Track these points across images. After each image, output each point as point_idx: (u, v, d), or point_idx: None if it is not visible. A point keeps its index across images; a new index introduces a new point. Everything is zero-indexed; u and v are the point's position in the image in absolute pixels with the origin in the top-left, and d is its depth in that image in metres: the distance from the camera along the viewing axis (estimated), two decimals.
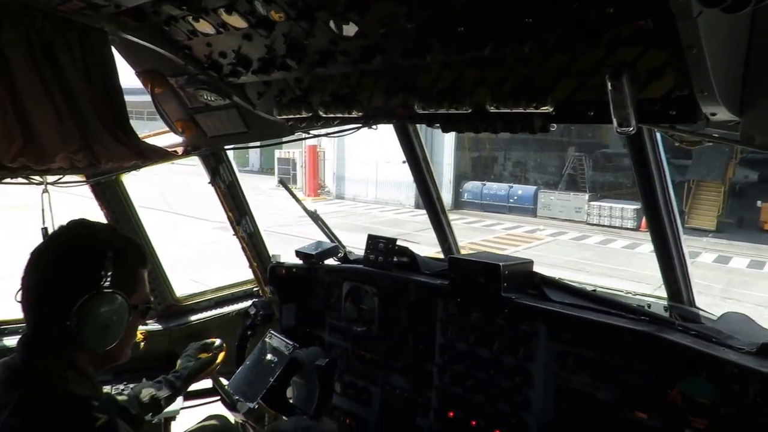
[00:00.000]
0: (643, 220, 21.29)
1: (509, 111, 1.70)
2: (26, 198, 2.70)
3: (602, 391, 2.11)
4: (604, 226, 22.74)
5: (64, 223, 1.65)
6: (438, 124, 2.10)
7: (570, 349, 2.19)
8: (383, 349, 2.78)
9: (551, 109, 1.62)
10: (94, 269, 1.53)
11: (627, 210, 22.35)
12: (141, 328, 3.22)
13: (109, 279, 1.54)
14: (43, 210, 2.82)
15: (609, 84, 1.33)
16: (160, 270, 3.44)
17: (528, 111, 1.65)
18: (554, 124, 1.81)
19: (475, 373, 2.41)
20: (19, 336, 1.62)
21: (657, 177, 2.13)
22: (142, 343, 3.14)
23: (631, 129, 1.43)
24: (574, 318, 2.15)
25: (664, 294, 2.42)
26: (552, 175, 30.13)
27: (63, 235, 1.61)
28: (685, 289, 2.33)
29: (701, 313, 2.29)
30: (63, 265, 1.55)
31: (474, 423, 2.40)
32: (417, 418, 2.60)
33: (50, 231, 2.88)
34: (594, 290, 2.49)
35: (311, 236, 3.55)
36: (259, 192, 21.96)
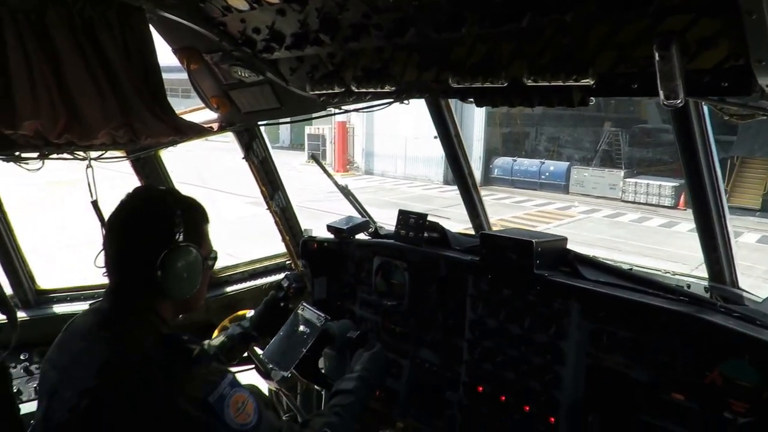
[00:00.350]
0: (682, 197, 20.77)
1: (547, 84, 1.66)
2: (59, 173, 2.81)
3: (636, 371, 2.08)
4: (639, 203, 22.14)
5: (131, 191, 1.82)
6: (471, 99, 2.07)
7: (604, 328, 2.16)
8: (413, 323, 2.81)
9: (592, 82, 1.57)
10: (168, 227, 1.71)
11: (665, 187, 21.66)
12: None
13: (181, 235, 1.71)
14: (89, 184, 2.92)
15: (656, 54, 1.28)
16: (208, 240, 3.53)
17: (567, 84, 1.60)
18: (593, 98, 1.76)
19: (505, 350, 2.42)
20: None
21: (702, 153, 2.06)
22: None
23: (679, 102, 1.37)
24: (609, 296, 2.12)
25: (704, 274, 2.37)
26: (586, 150, 29.37)
27: (135, 200, 1.78)
28: (728, 270, 2.26)
29: (745, 294, 2.23)
30: (141, 227, 1.73)
31: (503, 398, 2.42)
32: (446, 391, 2.63)
33: (99, 204, 3.02)
34: (630, 269, 2.44)
35: (341, 212, 3.58)
36: (290, 168, 22.15)
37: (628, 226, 18.61)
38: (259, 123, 3.11)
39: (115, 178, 3.32)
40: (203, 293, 1.92)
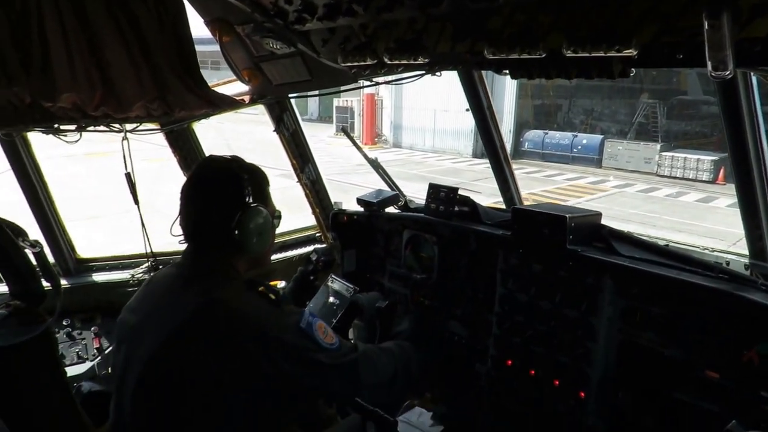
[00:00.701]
0: (721, 172, 20.02)
1: (586, 55, 1.60)
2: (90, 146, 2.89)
3: (670, 348, 2.06)
4: (676, 178, 21.46)
5: (200, 161, 2.03)
6: (507, 71, 2.02)
7: (637, 305, 2.13)
8: (442, 296, 2.82)
9: (634, 53, 1.51)
10: (239, 191, 1.86)
11: (703, 161, 20.89)
12: None
13: (250, 197, 1.87)
14: (124, 156, 3.00)
15: (705, 23, 1.22)
16: None
17: (608, 55, 1.55)
18: (634, 69, 1.69)
19: (535, 325, 2.41)
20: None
21: (749, 126, 1.98)
22: None
23: (728, 73, 1.31)
24: (644, 273, 2.08)
25: (744, 251, 2.30)
26: (620, 123, 28.49)
27: (207, 170, 1.97)
28: None
29: None
30: (216, 193, 1.87)
31: (533, 372, 2.43)
32: (476, 364, 2.65)
33: (132, 176, 3.10)
34: (666, 245, 2.39)
35: (369, 185, 3.58)
36: (318, 140, 22.21)
37: (663, 201, 18.12)
38: (290, 95, 3.11)
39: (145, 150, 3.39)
40: (271, 251, 2.13)
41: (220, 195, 1.87)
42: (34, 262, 1.66)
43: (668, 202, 17.99)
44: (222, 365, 1.64)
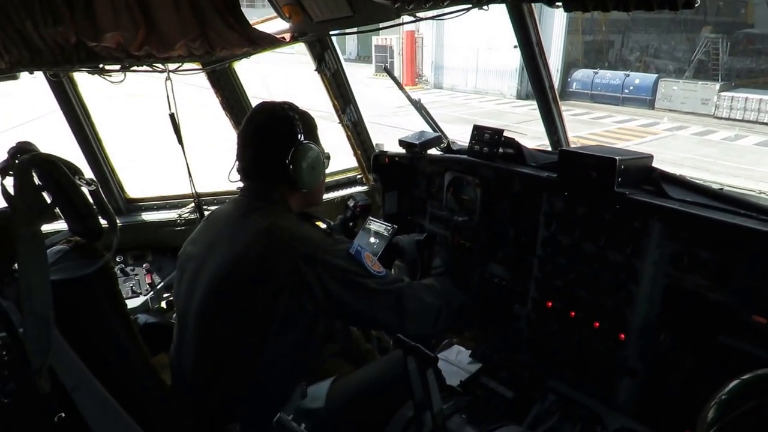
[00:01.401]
0: None
1: None
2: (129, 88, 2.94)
3: (717, 293, 2.01)
4: (735, 120, 20.22)
5: (255, 106, 2.17)
6: (559, 3, 1.90)
7: (686, 249, 2.08)
8: (483, 238, 2.82)
9: None
10: (292, 131, 2.03)
11: (766, 102, 19.53)
12: None
13: (302, 136, 2.03)
14: (168, 97, 3.04)
15: None
16: None
17: None
18: None
19: (577, 268, 2.39)
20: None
21: None
22: None
23: None
24: (696, 217, 2.01)
25: None
26: (678, 61, 26.71)
27: (261, 114, 2.11)
28: None
29: None
30: (272, 133, 2.04)
31: (573, 314, 2.43)
32: (515, 306, 2.67)
33: (176, 117, 3.15)
34: (720, 189, 2.28)
35: (409, 127, 3.53)
36: (356, 81, 21.88)
37: (719, 145, 17.19)
38: (331, 33, 3.04)
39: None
40: (323, 189, 2.31)
41: (276, 134, 2.03)
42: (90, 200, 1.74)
43: (725, 146, 17.07)
44: (279, 286, 1.79)
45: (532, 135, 4.28)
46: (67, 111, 3.17)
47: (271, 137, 2.05)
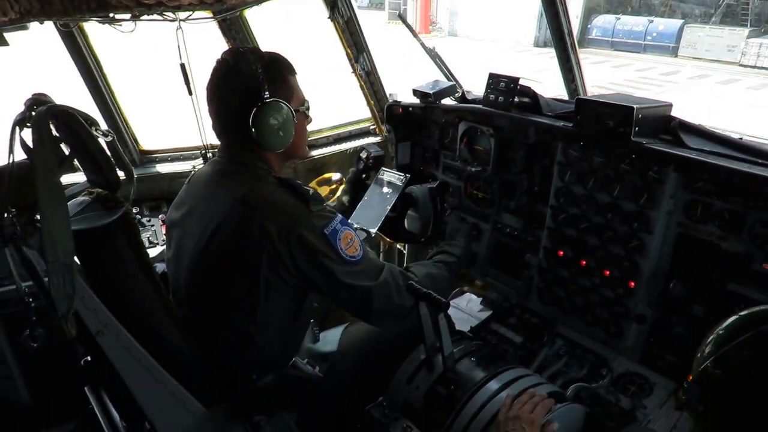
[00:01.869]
0: None
1: None
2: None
3: (730, 242, 2.02)
4: (762, 68, 19.44)
5: (219, 56, 1.88)
6: None
7: (701, 198, 2.07)
8: (496, 189, 2.82)
9: None
10: (254, 87, 1.79)
11: None
12: None
13: (267, 91, 1.80)
14: (178, 46, 3.01)
15: None
16: None
17: None
18: None
19: (590, 217, 2.40)
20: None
21: None
22: None
23: None
24: (712, 166, 1.99)
25: None
26: (705, 5, 25.48)
27: (222, 64, 1.85)
28: None
29: None
30: (230, 88, 1.82)
31: (584, 263, 2.46)
32: (527, 254, 2.70)
33: (187, 67, 3.13)
34: (740, 138, 2.24)
35: (423, 77, 3.46)
36: (369, 29, 21.29)
37: (743, 94, 16.63)
38: None
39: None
40: (303, 141, 2.05)
41: (234, 92, 1.82)
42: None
43: (749, 95, 16.51)
44: (256, 259, 1.74)
45: (550, 84, 4.20)
46: (80, 62, 3.16)
47: (229, 95, 1.83)
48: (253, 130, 1.80)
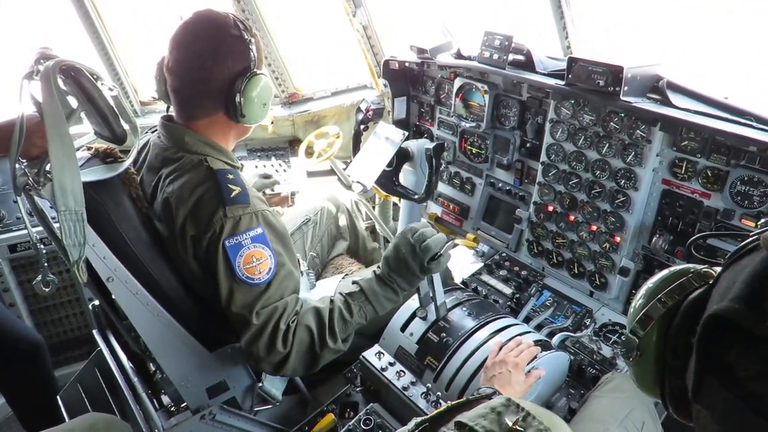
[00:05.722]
0: None
1: None
2: None
3: (712, 199, 2.11)
4: None
5: (193, 14, 1.76)
6: None
7: (685, 157, 2.15)
8: (489, 144, 2.89)
9: None
10: (248, 55, 1.75)
11: None
12: (269, 113, 3.57)
13: (255, 63, 1.76)
14: None
15: None
16: (282, 60, 3.61)
17: None
18: None
19: (579, 173, 2.48)
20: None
21: None
22: (271, 127, 3.49)
23: None
24: (695, 125, 2.05)
25: None
26: None
27: (202, 24, 1.74)
28: None
29: None
30: (219, 54, 1.72)
31: (571, 218, 2.56)
32: (517, 209, 2.79)
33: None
34: (726, 98, 2.30)
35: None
36: None
37: None
38: None
39: None
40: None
41: (226, 56, 1.72)
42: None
43: None
44: (183, 240, 1.74)
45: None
46: (82, 15, 3.14)
47: (219, 57, 1.72)
48: (241, 99, 1.74)
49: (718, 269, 0.68)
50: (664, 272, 0.76)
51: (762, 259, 0.59)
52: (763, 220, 0.66)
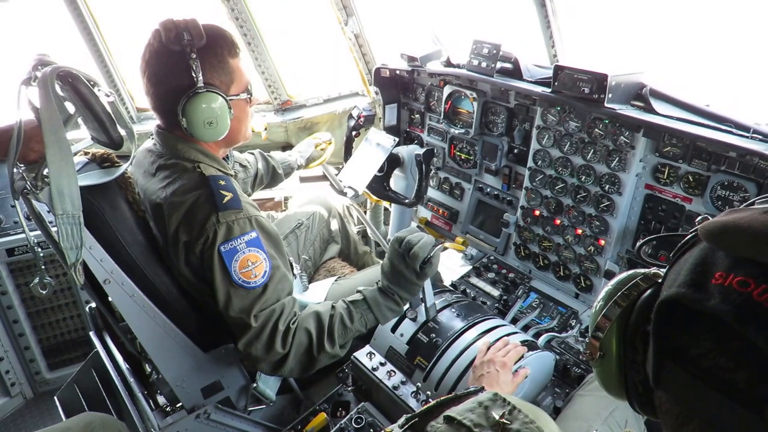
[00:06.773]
0: None
1: None
2: None
3: (693, 203, 2.18)
4: None
5: (156, 26, 1.70)
6: None
7: (668, 162, 2.22)
8: (478, 150, 2.95)
9: None
10: (185, 74, 1.68)
11: None
12: (263, 120, 3.60)
13: (201, 78, 1.69)
14: None
15: None
16: (275, 68, 3.66)
17: None
18: None
19: (565, 178, 2.55)
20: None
21: None
22: (264, 134, 3.53)
23: None
24: (677, 132, 2.12)
25: None
26: None
27: (155, 40, 1.71)
28: None
29: None
30: (162, 71, 1.71)
31: (557, 222, 2.62)
32: (504, 213, 2.85)
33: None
34: (707, 105, 2.38)
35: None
36: None
37: None
38: None
39: None
40: (244, 126, 1.92)
41: (167, 75, 1.70)
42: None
43: None
44: (175, 246, 1.76)
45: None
46: (79, 22, 3.18)
47: (161, 77, 1.70)
48: (183, 119, 1.71)
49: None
50: (620, 276, 0.80)
51: (701, 249, 0.65)
52: (700, 217, 0.71)
